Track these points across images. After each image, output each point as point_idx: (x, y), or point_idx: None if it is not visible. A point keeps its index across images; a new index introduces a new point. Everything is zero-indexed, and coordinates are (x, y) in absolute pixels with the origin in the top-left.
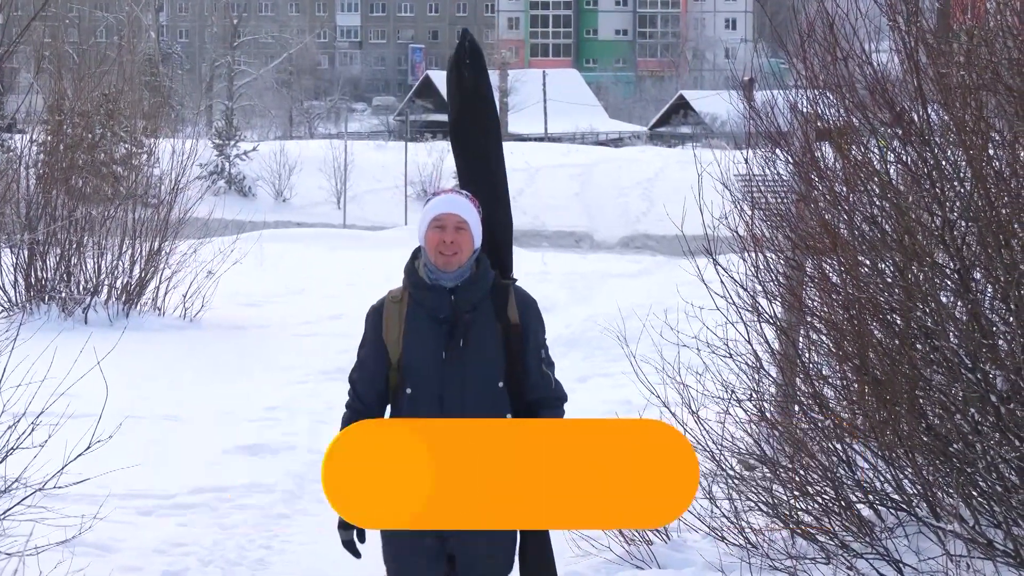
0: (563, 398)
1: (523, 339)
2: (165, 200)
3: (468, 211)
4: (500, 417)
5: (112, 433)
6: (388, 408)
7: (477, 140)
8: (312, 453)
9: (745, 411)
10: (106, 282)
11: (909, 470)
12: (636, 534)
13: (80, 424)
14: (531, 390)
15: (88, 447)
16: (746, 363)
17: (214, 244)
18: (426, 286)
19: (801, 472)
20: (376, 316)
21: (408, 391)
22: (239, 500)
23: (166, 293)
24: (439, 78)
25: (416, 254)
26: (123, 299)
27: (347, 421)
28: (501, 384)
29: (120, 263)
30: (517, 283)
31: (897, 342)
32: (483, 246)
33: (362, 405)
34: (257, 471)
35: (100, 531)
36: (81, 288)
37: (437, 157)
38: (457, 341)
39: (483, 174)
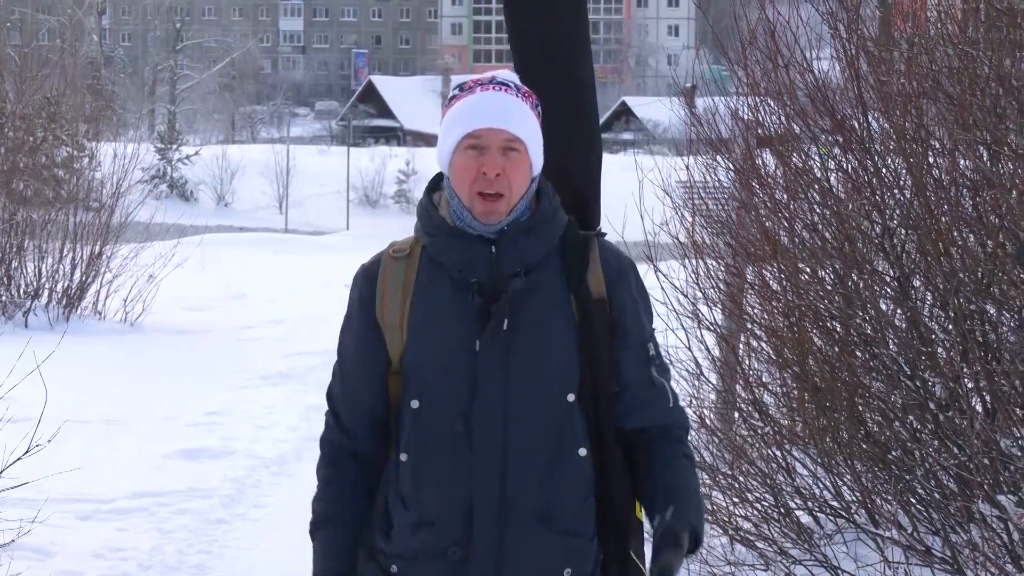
0: (686, 427)
1: (615, 324)
2: (106, 204)
3: (523, 119)
4: (569, 456)
5: (51, 437)
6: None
7: (551, 11)
8: (252, 458)
9: None
10: (47, 286)
11: (848, 477)
12: None
13: (19, 428)
14: (632, 411)
15: (27, 451)
16: (686, 370)
17: (155, 248)
18: (451, 231)
19: (740, 479)
20: (366, 284)
21: (414, 404)
22: (178, 505)
23: (107, 297)
24: (382, 83)
25: (436, 184)
26: (63, 303)
27: (327, 465)
28: (572, 398)
29: (61, 267)
30: (605, 237)
31: (837, 349)
32: (555, 177)
33: (346, 438)
34: (197, 476)
35: (39, 535)
36: (21, 292)
37: (380, 162)
38: (498, 323)
39: (556, 67)
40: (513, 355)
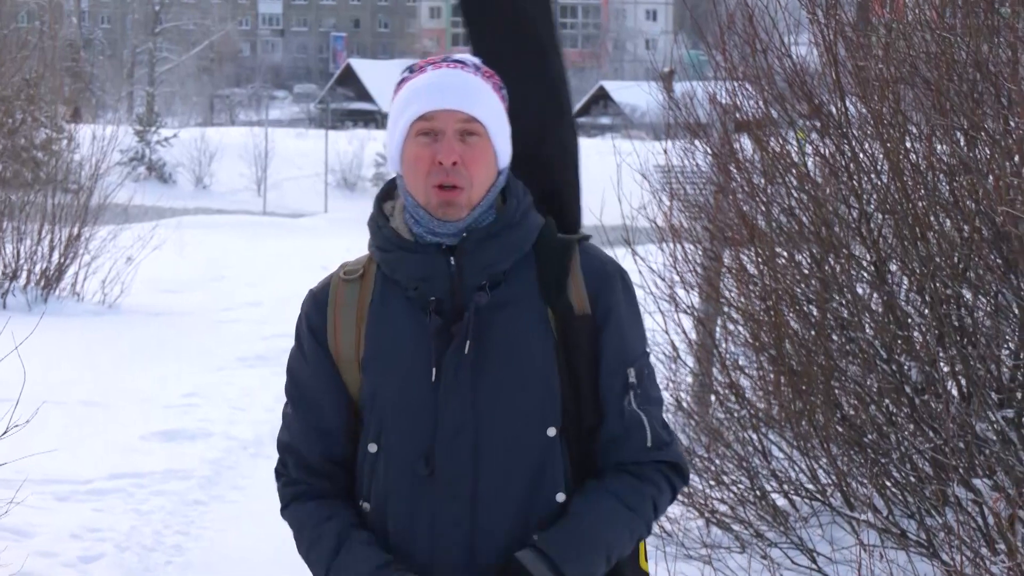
0: (677, 467)
1: (597, 343)
2: (85, 186)
3: (483, 99)
4: (543, 503)
5: (29, 418)
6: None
7: None
8: (229, 440)
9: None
10: (25, 267)
11: (824, 460)
12: None
13: None
14: (605, 447)
15: (5, 432)
16: (663, 353)
17: (134, 230)
18: (403, 244)
19: (716, 461)
20: (316, 313)
21: (371, 448)
22: (156, 486)
23: (85, 279)
24: (360, 66)
25: (389, 191)
26: (42, 284)
27: (292, 508)
28: (553, 432)
29: (39, 248)
30: (589, 240)
31: (813, 333)
32: (528, 173)
33: (309, 477)
34: (174, 457)
35: (16, 516)
36: (0, 273)
37: (358, 145)
38: (459, 345)
39: (526, 49)
40: (481, 383)
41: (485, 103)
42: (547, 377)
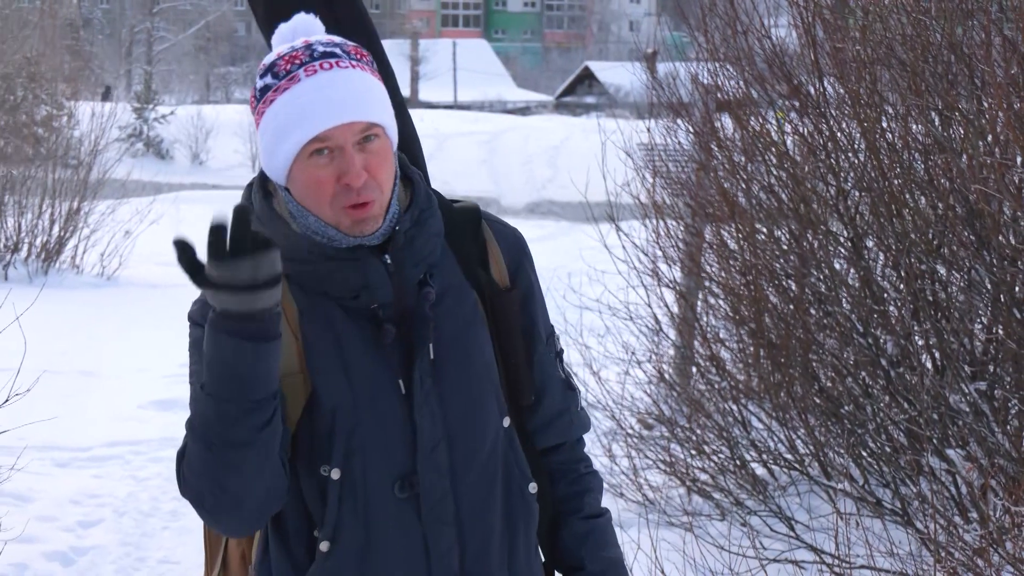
0: (587, 431)
1: (529, 318)
2: (84, 161)
3: (374, 95)
4: (519, 497)
5: (30, 387)
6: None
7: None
8: None
9: (644, 372)
10: (26, 240)
11: (802, 431)
12: None
13: None
14: (547, 423)
15: (6, 400)
16: (646, 326)
17: (132, 204)
18: (326, 254)
19: (698, 432)
20: None
21: (334, 475)
22: (153, 453)
23: (84, 252)
24: None
25: (264, 190)
26: (42, 257)
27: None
28: (508, 422)
29: (40, 222)
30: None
31: (792, 307)
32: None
33: None
34: (170, 425)
35: (17, 481)
36: (1, 246)
37: None
38: (423, 353)
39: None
40: (445, 386)
41: (378, 99)
42: (492, 365)
